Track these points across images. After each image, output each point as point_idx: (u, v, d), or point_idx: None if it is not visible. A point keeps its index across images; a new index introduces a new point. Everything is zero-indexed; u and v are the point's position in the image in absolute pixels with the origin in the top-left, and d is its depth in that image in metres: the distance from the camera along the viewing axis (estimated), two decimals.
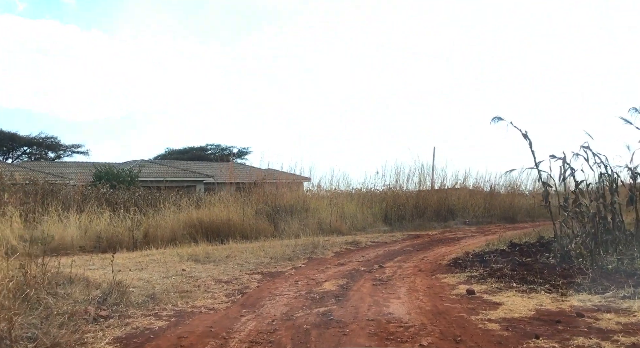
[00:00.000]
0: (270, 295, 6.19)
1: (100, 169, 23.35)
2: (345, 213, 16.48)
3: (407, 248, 11.16)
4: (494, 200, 20.03)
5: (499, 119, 7.07)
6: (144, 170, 26.83)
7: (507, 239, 10.85)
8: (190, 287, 6.88)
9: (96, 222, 13.32)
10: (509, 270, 6.37)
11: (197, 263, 9.07)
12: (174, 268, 8.47)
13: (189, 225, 13.69)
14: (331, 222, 15.55)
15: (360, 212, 16.92)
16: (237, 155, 53.36)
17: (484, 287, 5.78)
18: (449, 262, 7.81)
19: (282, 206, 15.83)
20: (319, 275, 7.69)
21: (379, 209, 17.61)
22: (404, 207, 17.54)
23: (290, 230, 14.48)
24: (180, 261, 9.21)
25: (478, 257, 7.71)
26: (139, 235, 13.29)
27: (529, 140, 6.99)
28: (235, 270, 8.39)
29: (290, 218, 15.18)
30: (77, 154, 45.60)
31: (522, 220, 19.33)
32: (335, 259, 9.65)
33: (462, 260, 7.53)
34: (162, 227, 13.63)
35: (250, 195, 16.44)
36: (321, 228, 15.29)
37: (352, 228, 15.90)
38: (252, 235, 13.94)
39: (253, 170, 24.22)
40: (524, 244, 9.13)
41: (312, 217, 15.58)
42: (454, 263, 7.53)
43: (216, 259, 9.39)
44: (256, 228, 14.35)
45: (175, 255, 9.77)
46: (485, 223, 18.00)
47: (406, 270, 7.67)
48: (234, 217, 14.34)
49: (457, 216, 18.56)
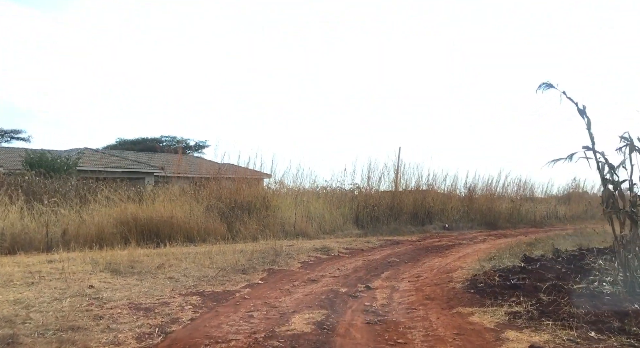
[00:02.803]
0: (207, 340, 3.88)
1: (32, 155, 20.25)
2: (312, 214, 14.26)
3: (390, 258, 9.04)
4: (472, 204, 18.27)
5: (548, 86, 5.01)
6: (87, 159, 23.96)
7: (509, 249, 8.91)
8: (86, 319, 4.48)
9: (1, 215, 10.57)
10: (566, 303, 4.30)
11: (115, 275, 6.61)
12: (79, 283, 6.01)
13: (121, 222, 11.11)
14: (296, 223, 13.29)
15: (329, 213, 14.73)
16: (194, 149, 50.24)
17: (545, 336, 3.64)
18: (463, 283, 5.69)
19: (239, 203, 13.45)
20: (284, 299, 5.42)
21: (349, 210, 15.47)
22: (377, 209, 15.47)
23: (246, 231, 12.12)
24: (92, 271, 6.74)
25: (502, 277, 5.64)
26: (57, 233, 10.64)
27: (587, 118, 4.96)
28: (166, 287, 6.01)
29: (248, 218, 12.82)
30: (17, 139, 41.40)
31: (504, 226, 17.66)
32: (304, 272, 7.41)
33: (484, 282, 5.43)
34: (87, 224, 11.01)
35: (201, 190, 13.96)
36: (284, 230, 13.01)
37: (319, 230, 13.69)
38: (199, 236, 11.51)
39: (210, 164, 21.77)
40: (545, 260, 7.16)
41: (273, 216, 13.28)
42: (473, 286, 5.42)
43: (143, 270, 6.96)
44: (205, 229, 11.92)
45: (88, 262, 7.27)
46: (466, 229, 16.17)
47: (406, 294, 5.51)
48: (178, 215, 11.85)
49: (435, 220, 16.68)
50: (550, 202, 23.38)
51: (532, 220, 19.81)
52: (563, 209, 22.96)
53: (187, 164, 25.59)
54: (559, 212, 22.46)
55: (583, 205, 24.51)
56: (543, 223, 20.01)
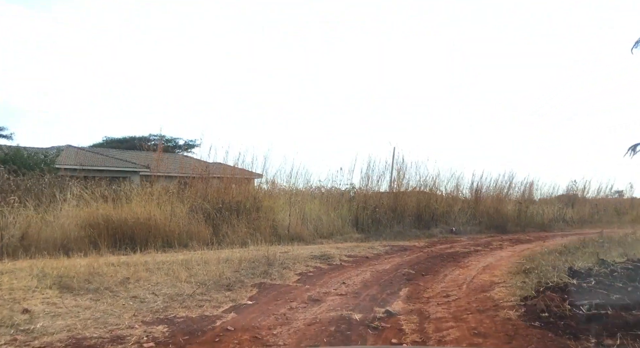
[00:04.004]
0: None
1: (7, 151, 18.67)
2: (307, 215, 12.89)
3: (402, 268, 7.70)
4: (479, 205, 16.98)
5: None
6: (70, 158, 22.38)
7: (541, 259, 7.61)
8: None
9: None
10: None
11: (64, 293, 5.21)
12: (12, 305, 4.61)
13: (91, 224, 9.68)
14: (290, 226, 11.93)
15: (326, 214, 13.37)
16: (184, 148, 48.52)
17: None
18: (516, 310, 4.34)
19: (227, 203, 12.05)
20: (280, 331, 4.06)
21: (347, 211, 14.12)
22: (379, 210, 14.12)
23: (234, 235, 10.73)
24: (36, 288, 5.32)
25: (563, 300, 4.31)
26: (14, 237, 9.19)
27: None
28: (127, 311, 4.62)
29: (236, 220, 11.42)
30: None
31: (513, 230, 16.40)
32: (303, 288, 6.05)
33: (547, 310, 4.08)
34: (52, 227, 9.57)
35: (186, 189, 12.57)
36: (276, 233, 11.63)
37: (316, 234, 12.33)
38: (180, 241, 10.11)
39: (199, 163, 20.32)
40: (598, 275, 5.85)
41: (265, 218, 11.89)
42: (533, 314, 4.07)
43: (102, 286, 5.55)
44: (188, 232, 10.52)
45: (35, 275, 5.84)
46: (474, 233, 14.89)
47: (443, 326, 4.14)
48: (157, 216, 10.43)
49: (440, 223, 15.37)
50: (553, 204, 22.14)
51: (540, 223, 18.56)
52: (570, 212, 21.76)
53: (174, 162, 24.14)
54: (566, 215, 21.25)
55: (588, 208, 23.40)
56: (552, 226, 18.77)
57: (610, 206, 24.64)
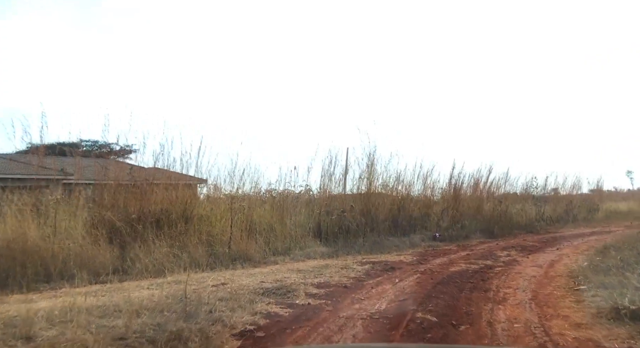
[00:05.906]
0: None
1: None
2: (256, 225, 9.82)
3: (407, 309, 4.83)
4: (459, 205, 14.44)
5: None
6: None
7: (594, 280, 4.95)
8: None
9: None
10: None
11: None
12: None
13: None
14: (232, 241, 8.80)
15: (280, 223, 10.32)
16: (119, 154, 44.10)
17: None
18: None
19: (145, 213, 8.81)
20: None
21: (306, 218, 11.15)
22: (348, 215, 11.22)
23: (149, 258, 7.49)
24: None
25: None
26: None
27: None
28: None
29: (155, 236, 8.18)
30: None
31: (500, 234, 13.95)
32: None
33: None
34: None
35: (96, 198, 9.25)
36: (213, 252, 8.49)
37: (267, 250, 9.27)
38: (66, 271, 6.80)
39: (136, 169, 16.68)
40: None
41: (196, 231, 8.71)
42: None
43: None
44: (80, 256, 7.21)
45: None
46: (461, 239, 12.32)
47: None
48: (33, 235, 7.08)
49: (418, 227, 12.67)
50: (527, 201, 20.00)
51: (522, 224, 16.22)
52: (548, 210, 19.71)
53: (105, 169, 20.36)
54: (545, 213, 19.12)
55: (563, 205, 21.51)
56: (535, 227, 16.45)
57: (583, 203, 23.04)
